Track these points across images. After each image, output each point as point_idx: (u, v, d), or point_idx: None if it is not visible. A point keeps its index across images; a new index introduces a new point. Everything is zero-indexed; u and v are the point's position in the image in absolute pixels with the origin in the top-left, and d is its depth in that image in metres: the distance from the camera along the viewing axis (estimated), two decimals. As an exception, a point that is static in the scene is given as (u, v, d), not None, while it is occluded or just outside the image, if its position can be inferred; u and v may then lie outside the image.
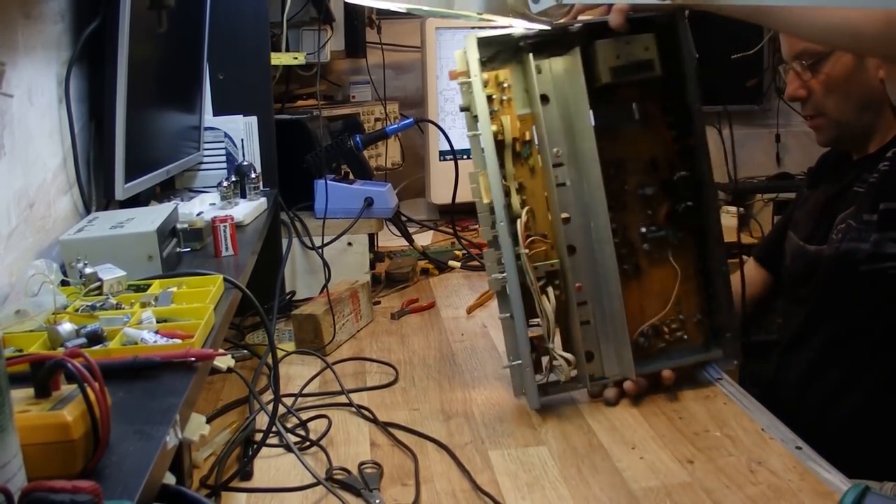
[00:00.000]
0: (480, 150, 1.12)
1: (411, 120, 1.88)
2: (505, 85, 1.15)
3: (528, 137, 1.16)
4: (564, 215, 1.14)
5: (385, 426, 1.12)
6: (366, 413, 1.17)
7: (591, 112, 1.13)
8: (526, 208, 1.14)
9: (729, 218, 2.35)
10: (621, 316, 1.13)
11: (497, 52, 1.16)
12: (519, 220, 1.12)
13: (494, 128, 1.13)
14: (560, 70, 1.15)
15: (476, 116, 1.12)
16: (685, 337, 1.19)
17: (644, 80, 1.15)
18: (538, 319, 1.13)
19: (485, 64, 1.15)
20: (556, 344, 1.14)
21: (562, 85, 1.15)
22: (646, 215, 1.18)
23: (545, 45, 1.16)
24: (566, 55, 1.15)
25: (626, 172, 1.18)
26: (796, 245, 1.44)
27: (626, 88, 1.17)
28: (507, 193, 1.13)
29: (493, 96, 1.15)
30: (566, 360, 1.12)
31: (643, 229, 1.18)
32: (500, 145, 1.14)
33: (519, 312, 1.11)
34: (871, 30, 1.02)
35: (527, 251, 1.12)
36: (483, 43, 1.13)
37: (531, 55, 1.14)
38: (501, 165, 1.13)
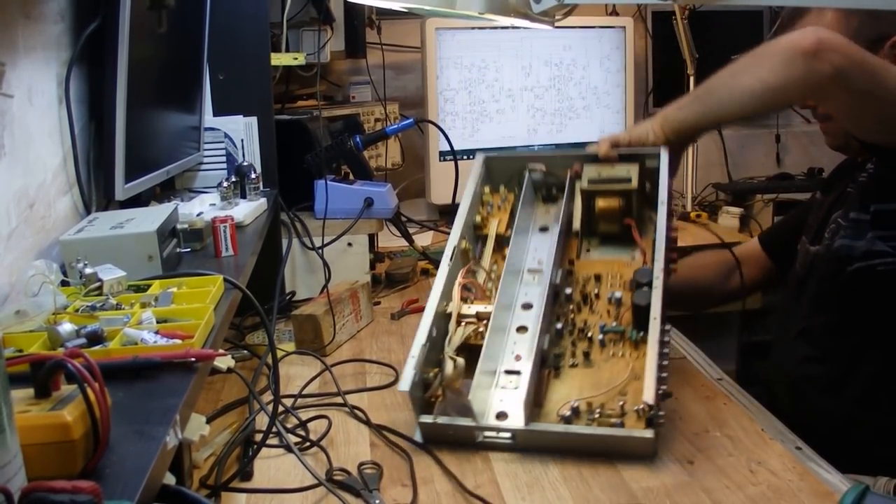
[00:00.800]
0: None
1: (411, 120, 1.88)
2: (503, 198, 1.32)
3: None
4: (526, 301, 1.18)
5: (378, 429, 1.12)
6: (359, 415, 1.16)
7: (588, 249, 1.26)
8: (474, 263, 1.23)
9: (729, 219, 2.35)
10: (529, 386, 1.03)
11: (510, 179, 1.34)
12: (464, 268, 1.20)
13: (478, 218, 1.28)
14: (561, 211, 1.28)
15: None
16: (620, 423, 1.02)
17: (628, 199, 1.24)
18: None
19: (500, 185, 1.34)
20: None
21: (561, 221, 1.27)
22: (610, 315, 1.16)
23: (550, 185, 1.33)
24: (562, 199, 1.29)
25: (602, 284, 1.20)
26: (804, 248, 1.45)
27: (611, 208, 1.25)
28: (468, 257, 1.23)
29: (491, 202, 1.31)
30: (453, 360, 1.05)
31: (603, 324, 1.14)
32: (485, 239, 1.27)
33: (428, 315, 1.12)
34: (777, 80, 1.09)
35: (460, 279, 1.18)
36: (490, 162, 1.34)
37: (539, 198, 1.31)
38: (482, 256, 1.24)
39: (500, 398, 1.07)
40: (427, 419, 1.06)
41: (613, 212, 1.24)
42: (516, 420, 1.03)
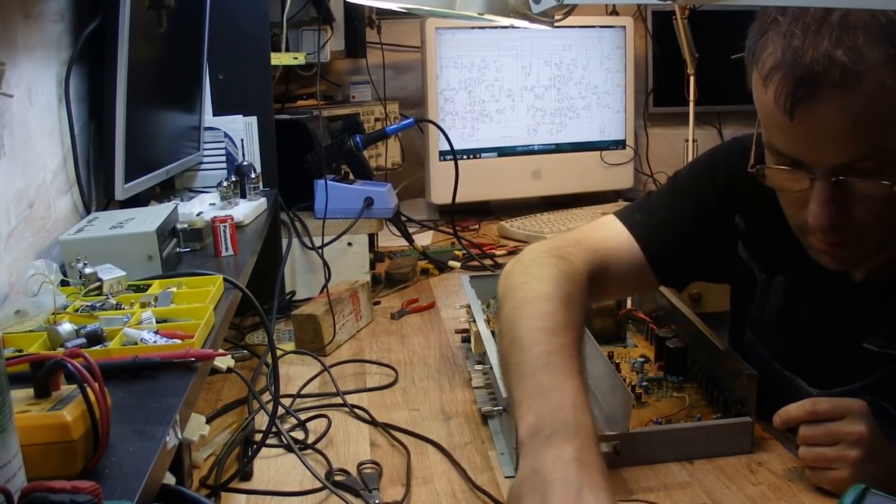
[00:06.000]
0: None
1: (411, 120, 1.88)
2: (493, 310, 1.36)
3: None
4: None
5: (381, 426, 1.12)
6: (360, 414, 1.17)
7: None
8: None
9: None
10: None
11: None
12: None
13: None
14: None
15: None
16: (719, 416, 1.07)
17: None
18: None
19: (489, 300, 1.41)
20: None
21: None
22: (637, 374, 1.22)
23: None
24: None
25: (616, 359, 1.27)
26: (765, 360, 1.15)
27: (607, 304, 1.34)
28: None
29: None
30: None
31: (640, 378, 1.18)
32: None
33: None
34: None
35: None
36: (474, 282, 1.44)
37: None
38: None
39: None
40: None
41: (609, 307, 1.34)
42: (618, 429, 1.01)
